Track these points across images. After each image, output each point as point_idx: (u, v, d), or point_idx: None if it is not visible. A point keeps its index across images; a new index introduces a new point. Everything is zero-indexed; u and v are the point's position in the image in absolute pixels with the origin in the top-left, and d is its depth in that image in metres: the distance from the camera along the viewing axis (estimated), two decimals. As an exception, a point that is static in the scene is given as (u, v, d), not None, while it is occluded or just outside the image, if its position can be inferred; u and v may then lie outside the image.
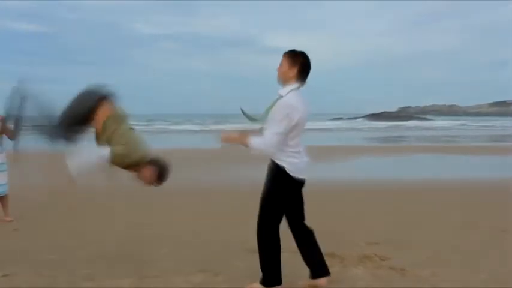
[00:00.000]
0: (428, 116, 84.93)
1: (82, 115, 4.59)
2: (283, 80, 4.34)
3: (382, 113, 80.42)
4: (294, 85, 4.31)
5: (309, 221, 4.77)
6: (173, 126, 49.78)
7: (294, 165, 4.29)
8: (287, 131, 4.18)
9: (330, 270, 5.11)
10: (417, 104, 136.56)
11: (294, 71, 4.30)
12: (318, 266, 4.59)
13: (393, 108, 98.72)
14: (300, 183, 4.40)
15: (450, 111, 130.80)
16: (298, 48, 4.38)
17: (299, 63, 4.31)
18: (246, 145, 4.31)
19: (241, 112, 4.60)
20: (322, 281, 4.57)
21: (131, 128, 4.67)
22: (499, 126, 53.45)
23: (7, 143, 7.24)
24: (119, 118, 4.60)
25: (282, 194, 4.37)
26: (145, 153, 4.56)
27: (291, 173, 4.28)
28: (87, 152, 4.48)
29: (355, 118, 76.48)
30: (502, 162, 17.49)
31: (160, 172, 4.55)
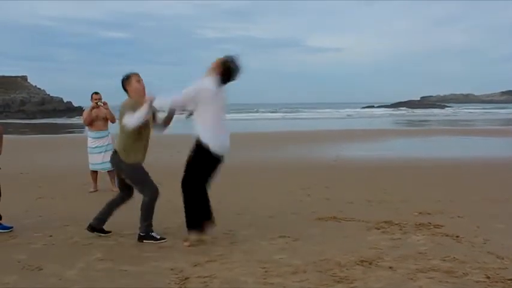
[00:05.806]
0: (448, 104, 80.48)
1: None
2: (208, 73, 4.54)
3: (407, 101, 76.34)
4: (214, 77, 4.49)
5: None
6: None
7: (212, 140, 4.41)
8: (188, 99, 4.44)
9: (391, 236, 4.85)
10: (437, 93, 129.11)
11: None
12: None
13: (416, 97, 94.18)
14: (215, 154, 4.47)
15: (466, 99, 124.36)
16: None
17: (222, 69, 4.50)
18: (152, 101, 4.50)
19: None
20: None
21: None
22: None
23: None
24: None
25: (198, 160, 4.50)
26: None
27: (206, 146, 4.40)
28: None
29: (385, 106, 71.75)
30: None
31: None
